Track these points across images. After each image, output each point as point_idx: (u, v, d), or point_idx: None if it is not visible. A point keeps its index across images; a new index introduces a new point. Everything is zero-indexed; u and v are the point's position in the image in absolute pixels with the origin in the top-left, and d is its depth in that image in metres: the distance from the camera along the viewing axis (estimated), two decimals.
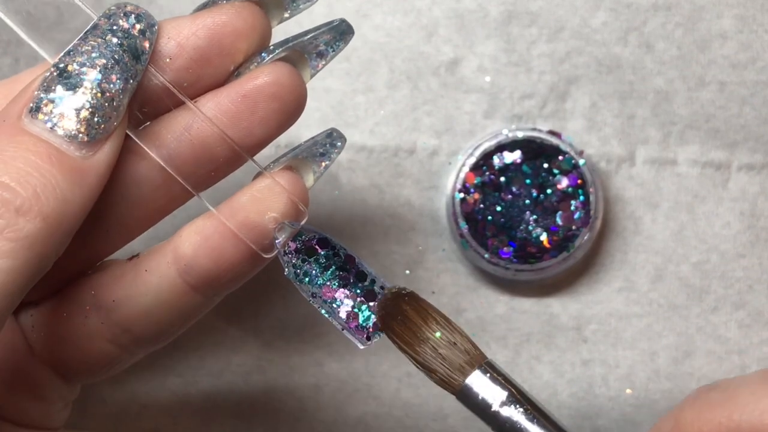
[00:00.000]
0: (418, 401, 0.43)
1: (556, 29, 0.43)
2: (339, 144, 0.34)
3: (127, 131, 0.30)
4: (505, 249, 0.41)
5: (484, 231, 0.42)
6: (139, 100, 0.30)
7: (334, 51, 0.33)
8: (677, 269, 0.43)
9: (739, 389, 0.30)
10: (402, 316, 0.31)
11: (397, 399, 0.43)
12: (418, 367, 0.32)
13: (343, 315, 0.32)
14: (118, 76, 0.29)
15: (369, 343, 0.32)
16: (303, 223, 0.31)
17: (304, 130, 0.43)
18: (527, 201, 0.42)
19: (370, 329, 0.32)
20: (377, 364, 0.43)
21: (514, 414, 0.30)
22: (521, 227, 0.42)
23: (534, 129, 0.42)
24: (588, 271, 0.43)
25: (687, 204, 0.43)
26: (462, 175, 0.42)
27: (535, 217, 0.42)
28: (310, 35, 0.32)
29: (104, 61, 0.28)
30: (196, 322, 0.42)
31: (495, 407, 0.30)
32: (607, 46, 0.43)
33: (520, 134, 0.42)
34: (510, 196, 0.42)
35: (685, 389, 0.43)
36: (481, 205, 0.42)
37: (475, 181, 0.42)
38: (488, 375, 0.31)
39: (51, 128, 0.28)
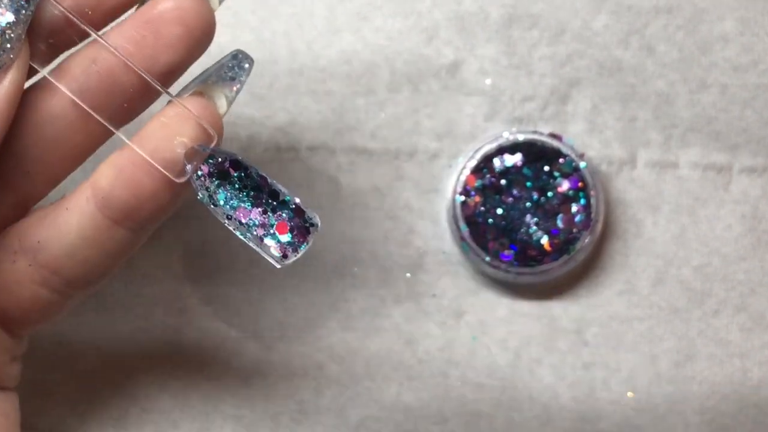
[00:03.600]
0: (419, 405, 0.42)
1: (557, 32, 0.43)
2: (246, 66, 0.33)
3: (35, 66, 0.30)
4: (506, 252, 0.41)
5: (484, 234, 0.42)
6: (43, 33, 0.30)
7: None
8: (678, 272, 0.43)
9: None
10: None
11: (398, 402, 0.42)
12: None
13: (258, 234, 0.32)
14: (8, 8, 0.29)
15: (286, 261, 0.32)
16: (213, 146, 0.31)
17: (305, 132, 0.43)
18: (528, 204, 0.42)
19: (287, 249, 0.32)
20: (378, 367, 0.43)
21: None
22: (522, 230, 0.42)
23: (535, 132, 0.42)
24: (589, 274, 0.43)
25: (688, 207, 0.43)
26: (462, 178, 0.42)
27: (536, 220, 0.41)
28: None
29: None
30: (196, 325, 0.42)
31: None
32: (609, 49, 0.43)
33: (520, 137, 0.42)
34: (511, 199, 0.42)
35: (686, 392, 0.42)
36: (482, 208, 0.42)
37: (476, 184, 0.42)
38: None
39: None
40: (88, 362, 0.43)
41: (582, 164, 0.42)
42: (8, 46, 0.29)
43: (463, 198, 0.42)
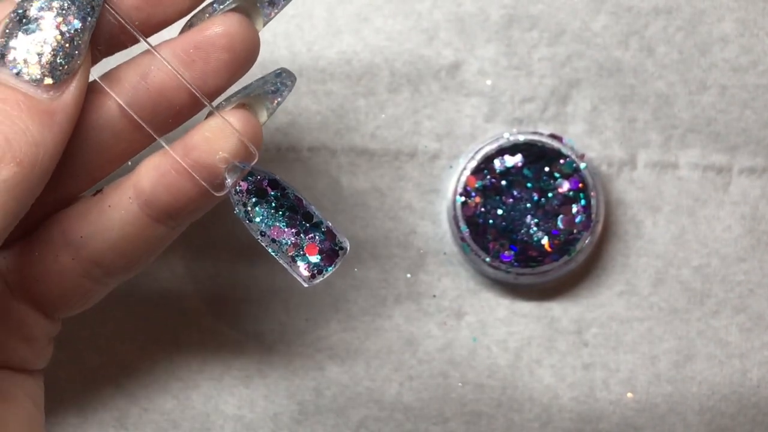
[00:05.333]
0: (419, 405, 0.43)
1: (557, 33, 0.43)
2: (289, 83, 0.34)
3: (95, 78, 0.31)
4: (507, 253, 0.41)
5: (485, 234, 0.42)
6: (96, 39, 0.31)
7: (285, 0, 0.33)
8: (678, 273, 0.43)
9: None
10: None
11: (398, 402, 0.43)
12: None
13: (289, 254, 0.33)
14: (76, 15, 0.30)
15: (313, 281, 0.33)
16: (253, 163, 0.32)
17: (306, 134, 0.43)
18: (528, 205, 0.42)
19: (315, 270, 0.33)
20: (378, 368, 0.43)
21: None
22: (522, 231, 0.42)
23: (535, 132, 0.42)
24: (589, 275, 0.43)
25: (688, 207, 0.43)
26: (463, 179, 0.42)
27: (536, 220, 0.42)
28: None
29: (60, 2, 0.30)
30: (197, 325, 0.43)
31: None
32: (608, 50, 0.43)
33: (521, 138, 0.42)
34: (511, 200, 0.42)
35: (686, 393, 0.43)
36: (482, 209, 0.42)
37: (477, 185, 0.42)
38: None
39: (17, 74, 0.29)
40: (88, 362, 0.43)
41: (582, 165, 0.42)
42: (76, 52, 0.30)
43: (463, 199, 0.42)
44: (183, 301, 0.43)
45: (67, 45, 0.30)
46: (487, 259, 0.41)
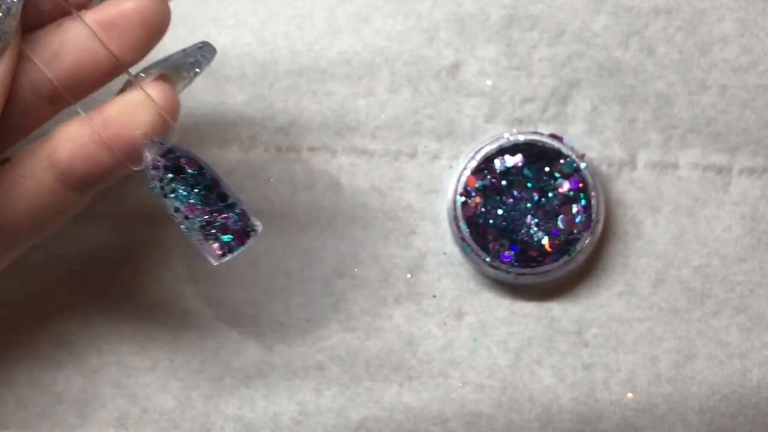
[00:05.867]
0: (420, 405, 0.42)
1: (557, 33, 0.43)
2: (209, 55, 0.34)
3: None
4: (507, 253, 0.41)
5: (485, 235, 0.42)
6: (24, 13, 0.31)
7: None
8: (678, 273, 0.43)
9: None
10: None
11: (398, 403, 0.43)
12: None
13: (201, 232, 0.33)
14: None
15: (222, 259, 0.33)
16: (170, 132, 0.32)
17: (306, 133, 0.43)
18: (528, 205, 0.42)
19: (225, 248, 0.33)
20: (378, 368, 0.43)
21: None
22: (523, 231, 0.42)
23: (535, 133, 0.42)
24: (589, 275, 0.43)
25: (688, 208, 0.43)
26: (463, 179, 0.42)
27: (536, 220, 0.42)
28: None
29: None
30: (197, 326, 0.43)
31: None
32: (608, 50, 0.43)
33: (521, 138, 0.42)
34: (511, 200, 0.42)
35: (686, 393, 0.43)
36: (483, 209, 0.42)
37: (477, 185, 0.42)
38: None
39: None
40: (88, 362, 0.43)
41: (582, 165, 0.42)
42: (12, 22, 0.30)
43: (463, 199, 0.42)
44: (183, 301, 0.43)
45: (1, 15, 0.30)
46: (487, 259, 0.41)
